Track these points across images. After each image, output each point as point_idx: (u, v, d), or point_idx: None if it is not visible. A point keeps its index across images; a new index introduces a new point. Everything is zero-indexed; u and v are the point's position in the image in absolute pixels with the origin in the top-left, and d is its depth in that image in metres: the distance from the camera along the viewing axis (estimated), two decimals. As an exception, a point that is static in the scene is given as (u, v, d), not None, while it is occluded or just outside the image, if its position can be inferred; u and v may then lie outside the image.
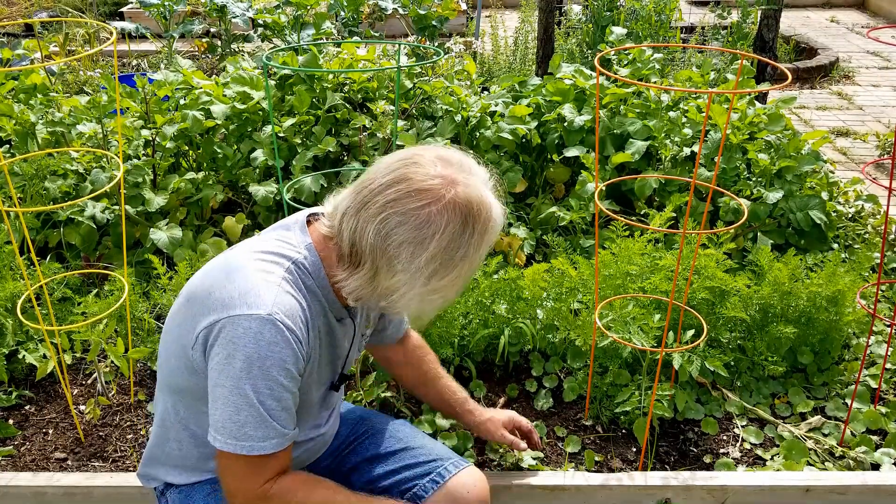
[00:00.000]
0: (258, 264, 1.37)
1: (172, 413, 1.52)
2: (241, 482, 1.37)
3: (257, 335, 1.30)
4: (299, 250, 1.41)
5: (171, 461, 1.56)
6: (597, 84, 2.00)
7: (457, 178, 1.32)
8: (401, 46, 2.70)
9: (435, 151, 1.37)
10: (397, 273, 1.31)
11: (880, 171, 4.43)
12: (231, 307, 1.32)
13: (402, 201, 1.29)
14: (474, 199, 1.31)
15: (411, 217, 1.28)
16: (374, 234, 1.29)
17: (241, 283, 1.35)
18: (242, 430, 1.32)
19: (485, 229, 1.33)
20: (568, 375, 2.54)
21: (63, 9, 6.96)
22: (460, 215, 1.29)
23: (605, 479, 2.04)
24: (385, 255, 1.30)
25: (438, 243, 1.29)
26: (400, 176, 1.31)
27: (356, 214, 1.32)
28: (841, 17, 8.46)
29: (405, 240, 1.29)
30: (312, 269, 1.41)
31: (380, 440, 1.76)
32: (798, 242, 3.07)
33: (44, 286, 2.27)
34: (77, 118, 3.34)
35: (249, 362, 1.30)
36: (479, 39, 5.77)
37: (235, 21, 5.60)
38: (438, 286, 1.33)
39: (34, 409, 2.45)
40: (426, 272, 1.31)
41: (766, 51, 4.80)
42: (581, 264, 2.62)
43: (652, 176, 3.07)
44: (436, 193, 1.29)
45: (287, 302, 1.34)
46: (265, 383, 1.32)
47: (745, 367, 2.50)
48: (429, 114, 3.58)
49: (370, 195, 1.31)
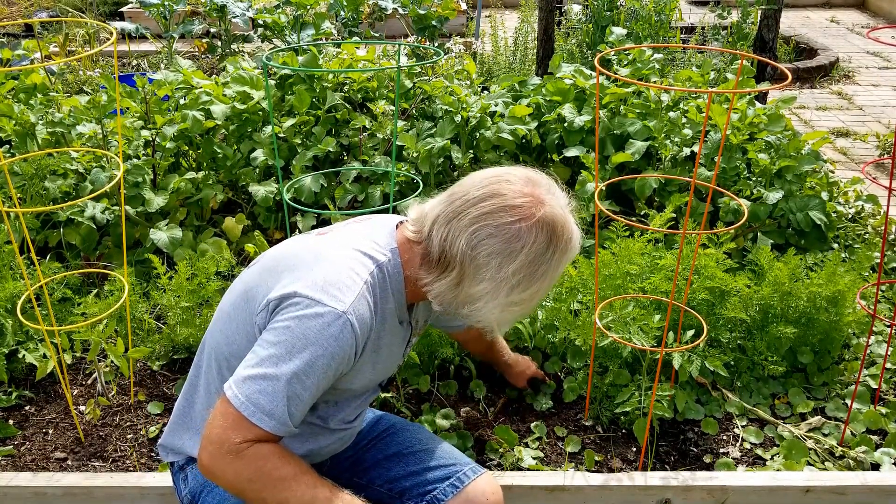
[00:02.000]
0: (348, 261, 1.45)
1: (217, 378, 1.55)
2: (221, 432, 1.37)
3: (325, 326, 1.36)
4: (385, 252, 1.49)
5: (199, 429, 1.56)
6: (597, 84, 2.00)
7: (544, 199, 1.41)
8: (401, 46, 2.70)
9: (524, 172, 1.46)
10: (483, 282, 1.39)
11: (880, 171, 4.43)
12: (313, 289, 1.39)
13: (495, 215, 1.38)
14: (559, 220, 1.41)
15: (503, 230, 1.37)
16: (466, 242, 1.38)
17: (329, 272, 1.42)
18: (257, 397, 1.35)
19: (566, 249, 1.43)
20: (568, 375, 2.54)
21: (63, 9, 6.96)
22: (546, 233, 1.39)
23: (605, 479, 2.04)
24: (474, 263, 1.38)
25: (525, 257, 1.38)
26: (493, 191, 1.40)
27: (448, 223, 1.41)
28: (841, 18, 8.46)
29: (494, 251, 1.37)
30: (393, 272, 1.49)
31: (400, 439, 1.79)
32: (798, 242, 3.07)
33: (44, 286, 2.27)
34: (77, 118, 3.34)
35: (304, 344, 1.35)
36: (479, 39, 5.77)
37: (235, 21, 5.60)
38: (518, 299, 1.42)
39: (34, 409, 2.45)
40: (510, 284, 1.39)
41: (766, 51, 4.80)
42: (581, 264, 2.62)
43: (652, 176, 3.07)
44: (526, 211, 1.39)
45: (363, 308, 1.41)
46: (303, 368, 1.36)
47: (745, 367, 2.50)
48: (429, 114, 3.58)
49: (463, 206, 1.40)
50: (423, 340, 2.43)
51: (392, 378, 1.70)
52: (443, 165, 3.33)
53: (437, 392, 2.45)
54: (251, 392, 1.36)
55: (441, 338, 2.43)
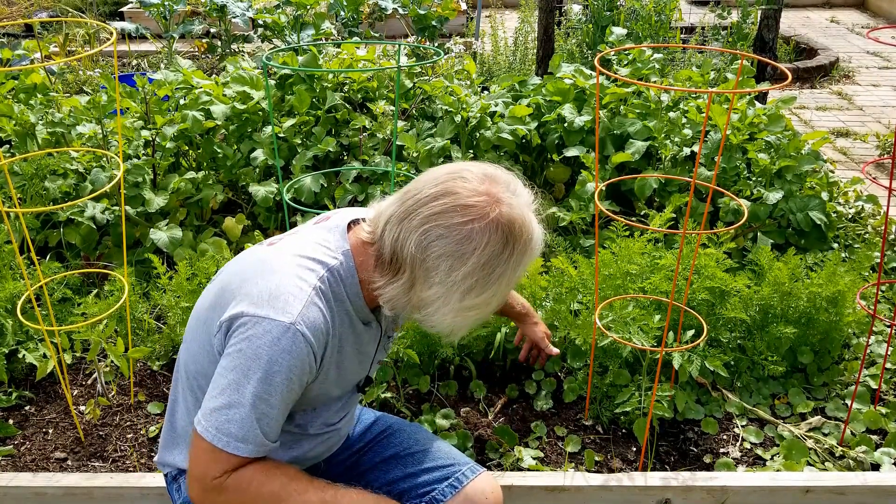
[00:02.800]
0: (295, 269, 1.39)
1: (190, 395, 1.54)
2: (203, 468, 1.37)
3: (275, 340, 1.32)
4: (336, 255, 1.43)
5: (184, 443, 1.57)
6: (597, 84, 2.00)
7: (502, 198, 1.33)
8: (401, 46, 2.70)
9: (482, 168, 1.38)
10: (434, 286, 1.32)
11: (880, 171, 4.43)
12: (259, 306, 1.35)
13: (446, 215, 1.30)
14: (517, 220, 1.33)
15: (454, 231, 1.30)
16: (416, 244, 1.31)
17: (275, 284, 1.37)
18: (227, 426, 1.33)
19: (524, 251, 1.35)
20: (568, 375, 2.54)
21: (63, 9, 6.96)
22: (502, 235, 1.31)
23: (605, 480, 2.04)
24: (424, 266, 1.32)
25: (477, 260, 1.30)
26: (446, 189, 1.32)
27: (399, 223, 1.33)
28: (841, 18, 8.46)
29: (444, 253, 1.30)
30: (346, 275, 1.42)
31: (397, 441, 1.77)
32: (798, 242, 3.07)
33: (44, 286, 2.27)
34: (77, 118, 3.34)
35: (260, 364, 1.32)
36: (479, 39, 5.77)
37: (235, 21, 5.60)
38: (473, 303, 1.34)
39: (34, 409, 2.45)
40: (462, 288, 1.32)
41: (766, 51, 4.80)
42: (581, 264, 2.62)
43: (652, 176, 3.07)
44: (480, 211, 1.30)
45: (313, 314, 1.36)
46: (265, 387, 1.33)
47: (745, 367, 2.50)
48: (429, 114, 3.58)
49: (415, 205, 1.33)
50: (423, 340, 2.43)
51: (370, 379, 1.66)
52: (443, 165, 3.33)
53: (437, 392, 2.45)
54: (220, 423, 1.33)
55: (441, 337, 2.43)
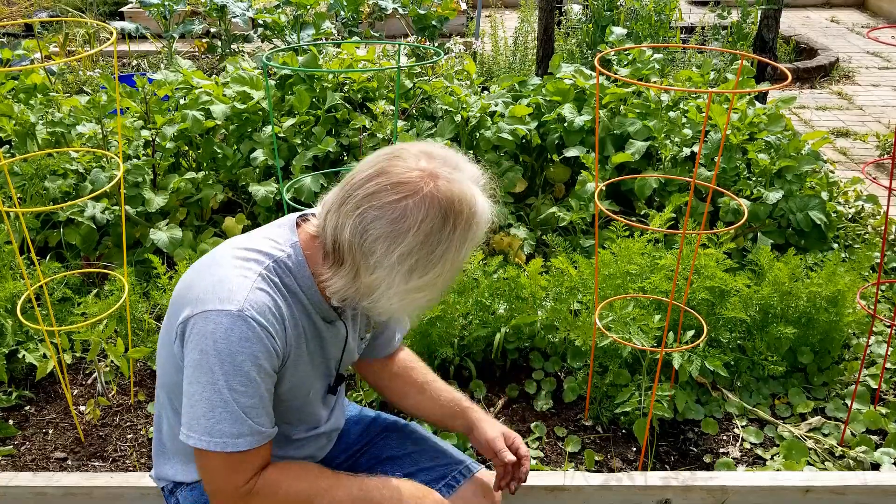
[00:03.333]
0: (237, 262, 1.36)
1: (169, 408, 1.52)
2: (222, 481, 1.36)
3: (228, 331, 1.29)
4: (283, 248, 1.38)
5: (174, 456, 1.56)
6: (597, 84, 2.00)
7: (438, 172, 1.27)
8: (401, 46, 2.70)
9: (421, 146, 1.33)
10: (375, 270, 1.27)
11: (880, 171, 4.43)
12: (204, 302, 1.31)
13: (379, 195, 1.25)
14: (456, 194, 1.26)
15: (388, 210, 1.24)
16: (352, 229, 1.26)
17: (217, 279, 1.34)
18: (217, 427, 1.31)
19: (468, 226, 1.28)
20: (568, 375, 2.54)
21: (63, 9, 6.96)
22: (439, 210, 1.25)
23: (605, 479, 2.04)
24: (362, 249, 1.27)
25: (415, 238, 1.24)
26: (380, 169, 1.28)
27: (337, 210, 1.29)
28: (841, 18, 8.46)
29: (381, 234, 1.25)
30: (295, 268, 1.38)
31: (394, 442, 1.75)
32: (798, 242, 3.08)
33: (44, 286, 2.27)
34: (77, 118, 3.34)
35: (221, 358, 1.29)
36: (479, 39, 5.77)
37: (235, 21, 5.60)
38: (419, 284, 1.29)
39: (34, 409, 2.45)
40: (404, 268, 1.27)
41: (766, 51, 4.80)
42: (581, 264, 2.62)
43: (652, 176, 3.07)
44: (413, 186, 1.25)
45: (259, 298, 1.32)
46: (238, 380, 1.30)
47: (745, 367, 2.50)
48: (429, 114, 3.58)
49: (351, 189, 1.28)
50: (423, 340, 2.43)
51: (342, 377, 1.61)
52: (443, 165, 3.33)
53: (437, 392, 2.45)
54: (209, 428, 1.31)
55: (441, 338, 2.43)
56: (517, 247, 3.10)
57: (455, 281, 1.32)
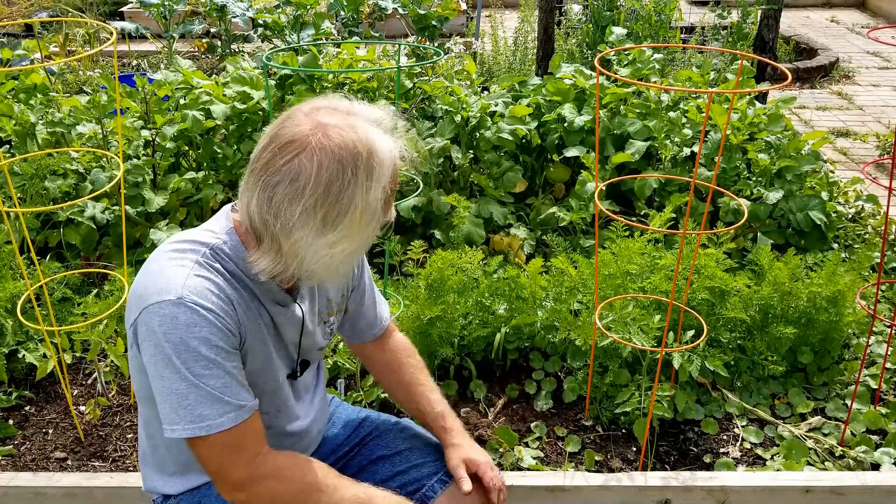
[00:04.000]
0: (173, 254, 1.36)
1: (147, 419, 1.51)
2: (225, 464, 1.35)
3: (173, 320, 1.28)
4: (219, 236, 1.38)
5: (155, 469, 1.55)
6: (597, 84, 2.00)
7: (328, 122, 1.26)
8: (401, 46, 2.70)
9: (313, 102, 1.33)
10: (291, 233, 1.27)
11: (880, 171, 4.43)
12: (145, 299, 1.31)
13: (274, 161, 1.25)
14: (349, 139, 1.25)
15: (284, 173, 1.24)
16: (258, 202, 1.27)
17: (154, 274, 1.34)
18: (195, 412, 1.30)
19: (369, 166, 1.26)
20: (568, 375, 2.54)
21: (63, 9, 6.96)
22: (333, 157, 1.24)
23: (606, 480, 2.04)
24: (273, 219, 1.26)
25: (315, 191, 1.24)
26: (272, 136, 1.28)
27: (245, 188, 1.31)
28: (841, 18, 8.46)
29: (284, 197, 1.25)
30: (233, 253, 1.37)
31: (385, 441, 1.74)
32: (798, 242, 3.08)
33: (44, 286, 2.27)
34: (77, 118, 3.34)
35: (175, 347, 1.28)
36: (479, 39, 5.77)
37: (235, 21, 5.60)
38: (337, 237, 1.28)
39: (34, 409, 2.45)
40: (315, 223, 1.26)
41: (766, 51, 4.80)
42: (581, 264, 2.62)
43: (652, 176, 3.07)
44: (303, 142, 1.24)
45: (196, 283, 1.31)
46: (199, 364, 1.29)
47: (745, 367, 2.50)
48: (429, 114, 3.58)
49: (253, 164, 1.29)
50: (424, 340, 2.43)
51: (307, 363, 1.59)
52: (443, 165, 3.33)
53: (437, 392, 2.45)
54: (190, 415, 1.30)
55: (441, 338, 2.43)
56: (517, 247, 3.10)
57: (378, 225, 1.32)
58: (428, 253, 2.80)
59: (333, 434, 1.78)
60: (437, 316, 2.40)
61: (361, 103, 1.35)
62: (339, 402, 1.89)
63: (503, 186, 3.30)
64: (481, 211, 3.19)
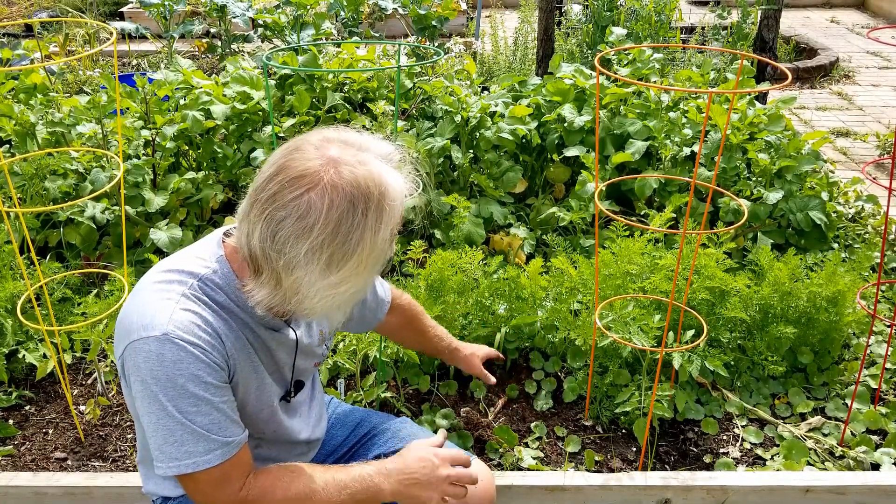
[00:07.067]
0: (159, 286, 1.32)
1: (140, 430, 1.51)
2: (213, 498, 1.34)
3: (159, 357, 1.25)
4: (209, 264, 1.34)
5: (152, 471, 1.56)
6: (597, 84, 2.00)
7: (339, 158, 1.22)
8: (401, 46, 2.70)
9: (323, 133, 1.28)
10: (294, 271, 1.23)
11: (880, 171, 4.43)
12: (130, 333, 1.28)
13: (281, 194, 1.20)
14: (362, 178, 1.21)
15: (292, 208, 1.20)
16: (261, 235, 1.22)
17: (139, 307, 1.30)
18: (182, 449, 1.28)
19: (380, 208, 1.22)
20: (568, 375, 2.54)
21: (63, 9, 6.96)
22: (345, 196, 1.20)
23: (605, 480, 2.04)
24: (275, 254, 1.22)
25: (323, 230, 1.20)
26: (280, 167, 1.23)
27: (246, 218, 1.26)
28: (841, 18, 8.46)
29: (290, 234, 1.20)
30: (223, 282, 1.34)
31: (383, 440, 1.75)
32: (798, 242, 3.08)
33: (44, 286, 2.27)
34: (77, 118, 3.34)
35: (162, 385, 1.26)
36: (479, 39, 5.77)
37: (235, 21, 5.60)
38: (341, 278, 1.24)
39: (34, 409, 2.45)
40: (320, 263, 1.22)
41: (766, 51, 4.80)
42: (581, 264, 2.62)
43: (652, 176, 3.07)
44: (314, 178, 1.20)
45: (184, 318, 1.28)
46: (186, 402, 1.27)
47: (745, 367, 2.50)
48: (429, 114, 3.58)
49: (256, 193, 1.25)
50: (423, 340, 2.43)
51: (302, 383, 1.57)
52: (443, 165, 3.33)
53: (437, 392, 2.45)
54: (177, 453, 1.29)
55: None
56: (517, 247, 3.10)
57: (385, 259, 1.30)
58: (428, 253, 2.80)
59: (332, 435, 1.78)
60: (437, 316, 2.40)
61: (371, 136, 1.31)
62: (337, 402, 1.89)
63: (503, 186, 3.30)
64: (481, 211, 3.19)
